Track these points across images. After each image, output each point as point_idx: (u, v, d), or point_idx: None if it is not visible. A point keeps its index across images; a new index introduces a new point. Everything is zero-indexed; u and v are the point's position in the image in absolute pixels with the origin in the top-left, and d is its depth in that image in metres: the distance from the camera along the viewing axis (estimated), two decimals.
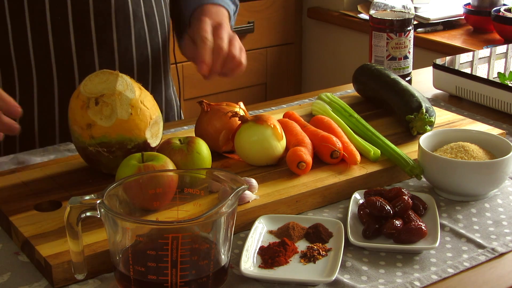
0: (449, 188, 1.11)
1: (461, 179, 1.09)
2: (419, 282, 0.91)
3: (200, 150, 1.10)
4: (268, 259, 0.94)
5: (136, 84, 1.12)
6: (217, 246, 0.87)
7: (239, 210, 1.00)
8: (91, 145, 1.09)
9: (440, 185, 1.12)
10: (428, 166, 1.12)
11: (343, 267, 0.94)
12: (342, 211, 1.08)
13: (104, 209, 0.85)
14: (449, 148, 1.14)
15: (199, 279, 0.85)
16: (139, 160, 1.03)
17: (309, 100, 1.52)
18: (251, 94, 3.06)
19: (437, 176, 1.11)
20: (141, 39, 1.40)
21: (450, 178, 1.09)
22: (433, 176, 1.12)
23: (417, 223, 0.99)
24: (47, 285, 0.92)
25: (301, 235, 1.00)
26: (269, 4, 3.01)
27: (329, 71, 3.11)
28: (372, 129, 1.25)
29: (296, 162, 1.12)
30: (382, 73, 1.41)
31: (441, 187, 1.12)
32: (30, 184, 1.11)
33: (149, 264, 0.84)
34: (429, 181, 1.14)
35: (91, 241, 0.94)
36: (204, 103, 1.23)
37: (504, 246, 0.99)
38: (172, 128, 1.37)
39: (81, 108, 1.09)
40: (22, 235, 0.97)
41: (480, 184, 1.10)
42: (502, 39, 2.35)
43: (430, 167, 1.12)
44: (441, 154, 1.12)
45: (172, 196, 0.94)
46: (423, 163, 1.13)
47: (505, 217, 1.07)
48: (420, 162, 1.14)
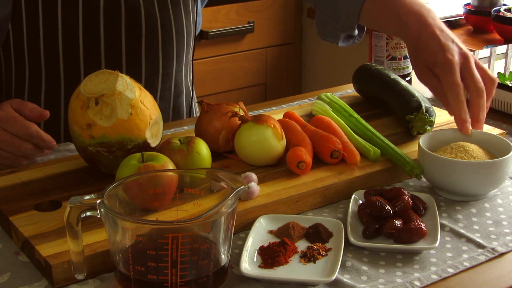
0: (449, 188, 1.11)
1: (461, 179, 1.09)
2: (419, 282, 0.91)
3: (200, 150, 1.10)
4: (268, 259, 0.94)
5: (136, 84, 1.12)
6: (217, 246, 0.87)
7: (239, 210, 1.00)
8: (91, 145, 1.09)
9: (440, 185, 1.12)
10: (428, 166, 1.12)
11: (343, 267, 0.94)
12: (342, 211, 1.08)
13: (104, 209, 0.85)
14: (449, 148, 1.14)
15: (199, 279, 0.85)
16: (139, 160, 1.03)
17: (309, 100, 1.52)
18: (251, 94, 3.06)
19: (437, 176, 1.11)
20: (153, 48, 1.39)
21: (450, 178, 1.09)
22: (433, 176, 1.12)
23: (417, 223, 0.99)
24: (47, 285, 0.92)
25: (301, 235, 1.00)
26: (269, 4, 3.01)
27: (329, 71, 3.11)
28: (372, 129, 1.25)
29: (296, 162, 1.12)
30: (382, 73, 1.41)
31: (441, 187, 1.12)
32: (30, 184, 1.11)
33: (149, 264, 0.84)
34: (429, 181, 1.14)
35: (91, 241, 0.94)
36: (204, 103, 1.23)
37: (504, 246, 0.99)
38: (172, 128, 1.37)
39: (81, 108, 1.09)
40: (22, 235, 0.97)
41: (480, 184, 1.10)
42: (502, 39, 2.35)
43: (430, 167, 1.12)
44: (441, 154, 1.12)
45: (172, 196, 0.94)
46: (423, 163, 1.13)
47: (505, 217, 1.07)
48: (420, 162, 1.14)
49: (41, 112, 1.18)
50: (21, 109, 1.17)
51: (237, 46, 2.95)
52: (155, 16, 1.38)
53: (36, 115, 1.18)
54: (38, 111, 1.18)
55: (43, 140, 1.17)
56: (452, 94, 1.16)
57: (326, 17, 1.40)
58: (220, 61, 2.92)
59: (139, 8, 1.35)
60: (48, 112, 1.19)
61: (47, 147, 1.18)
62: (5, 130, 1.15)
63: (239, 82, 3.01)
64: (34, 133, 1.16)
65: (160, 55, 1.41)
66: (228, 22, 2.89)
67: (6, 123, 1.15)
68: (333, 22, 1.39)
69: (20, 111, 1.17)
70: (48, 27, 1.31)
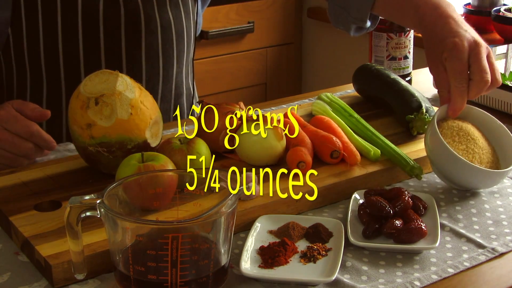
0: (452, 179, 1.12)
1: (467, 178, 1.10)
2: (419, 282, 0.91)
3: (200, 150, 1.10)
4: (268, 259, 0.94)
5: (136, 84, 1.12)
6: (217, 246, 0.87)
7: (239, 210, 1.00)
8: (91, 145, 1.09)
9: (444, 174, 1.13)
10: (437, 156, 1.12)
11: (343, 267, 0.94)
12: (342, 211, 1.08)
13: (104, 209, 0.85)
14: (455, 133, 1.13)
15: (199, 279, 0.85)
16: (139, 160, 1.03)
17: (309, 100, 1.52)
18: (251, 94, 3.06)
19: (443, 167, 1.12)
20: (153, 51, 1.39)
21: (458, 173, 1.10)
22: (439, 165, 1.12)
23: (417, 223, 0.99)
24: (47, 285, 0.92)
25: (301, 235, 1.00)
26: (269, 4, 3.01)
27: (329, 71, 3.11)
28: (372, 129, 1.25)
29: (296, 162, 1.12)
30: (382, 73, 1.41)
31: (445, 176, 1.13)
32: (30, 184, 1.11)
33: (149, 264, 0.84)
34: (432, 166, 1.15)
35: (91, 241, 0.94)
36: (204, 103, 1.22)
37: (504, 246, 0.99)
38: (172, 128, 1.37)
39: (81, 108, 1.09)
40: (22, 235, 0.97)
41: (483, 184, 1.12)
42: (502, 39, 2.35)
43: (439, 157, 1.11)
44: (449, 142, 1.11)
45: (172, 196, 0.94)
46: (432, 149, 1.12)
47: (505, 217, 1.07)
48: (429, 148, 1.13)
49: (42, 112, 1.18)
50: (22, 109, 1.17)
51: (237, 46, 2.95)
52: (154, 18, 1.37)
53: (37, 115, 1.18)
54: (39, 111, 1.18)
55: (44, 140, 1.17)
56: (455, 81, 1.11)
57: (338, 8, 1.40)
58: (220, 61, 2.92)
59: (138, 11, 1.35)
60: (49, 111, 1.19)
61: (48, 147, 1.18)
62: (6, 129, 1.15)
63: (239, 82, 3.01)
64: (35, 133, 1.16)
65: (160, 57, 1.40)
66: (228, 22, 2.89)
67: (7, 122, 1.15)
68: (345, 13, 1.38)
69: (21, 111, 1.17)
70: (48, 31, 1.31)
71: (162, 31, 1.39)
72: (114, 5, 1.33)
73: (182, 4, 1.42)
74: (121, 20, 1.33)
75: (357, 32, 1.43)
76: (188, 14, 1.44)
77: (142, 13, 1.35)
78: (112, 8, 1.33)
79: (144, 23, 1.36)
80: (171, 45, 1.41)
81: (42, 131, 1.17)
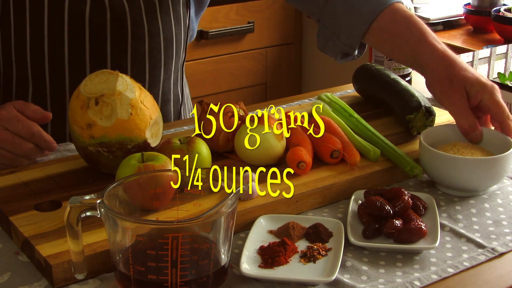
0: (449, 183, 1.11)
1: (461, 175, 1.09)
2: (419, 282, 0.91)
3: (200, 150, 1.10)
4: (268, 259, 0.94)
5: (136, 84, 1.12)
6: (217, 246, 0.87)
7: (239, 210, 1.00)
8: (91, 145, 1.09)
9: (440, 180, 1.12)
10: (429, 162, 1.12)
11: (343, 267, 0.94)
12: (342, 211, 1.08)
13: (104, 209, 0.85)
14: (449, 146, 1.15)
15: (199, 279, 0.85)
16: (139, 160, 1.03)
17: (309, 100, 1.52)
18: (251, 94, 3.06)
19: (437, 172, 1.11)
20: (139, 56, 1.38)
21: (451, 173, 1.09)
22: (433, 172, 1.12)
23: (417, 223, 0.99)
24: (47, 285, 0.92)
25: (301, 235, 1.00)
26: (269, 4, 3.01)
27: (329, 71, 3.11)
28: (372, 129, 1.25)
29: (296, 162, 1.12)
30: (382, 73, 1.41)
31: (441, 182, 1.12)
32: (30, 184, 1.11)
33: (149, 264, 0.84)
34: (429, 176, 1.15)
35: (91, 241, 0.94)
36: (204, 103, 1.23)
37: (504, 246, 0.99)
38: (172, 128, 1.37)
39: (81, 108, 1.09)
40: (22, 235, 0.97)
41: (479, 180, 1.11)
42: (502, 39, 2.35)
43: (431, 162, 1.12)
44: None
45: (172, 196, 0.94)
46: (424, 159, 1.13)
47: (505, 217, 1.07)
48: (421, 157, 1.14)
49: (44, 114, 1.19)
50: (24, 110, 1.18)
51: (237, 46, 2.95)
52: (142, 24, 1.37)
53: (39, 117, 1.18)
54: (40, 112, 1.18)
55: (45, 141, 1.17)
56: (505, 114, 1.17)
57: (328, 32, 1.40)
58: (220, 61, 2.92)
59: (124, 16, 1.34)
60: (50, 114, 1.19)
61: (48, 148, 1.19)
62: (7, 129, 1.15)
63: (239, 82, 3.01)
64: (36, 133, 1.16)
65: (147, 63, 1.40)
66: (228, 22, 2.89)
67: (8, 122, 1.15)
68: (334, 38, 1.38)
69: (23, 112, 1.17)
70: (35, 31, 1.31)
71: (149, 37, 1.38)
72: (100, 9, 1.32)
73: (172, 11, 1.41)
74: (107, 24, 1.33)
75: (343, 59, 1.42)
76: (179, 21, 1.44)
77: (128, 18, 1.34)
78: (98, 12, 1.32)
79: (130, 28, 1.35)
80: (158, 52, 1.41)
81: (43, 131, 1.17)
